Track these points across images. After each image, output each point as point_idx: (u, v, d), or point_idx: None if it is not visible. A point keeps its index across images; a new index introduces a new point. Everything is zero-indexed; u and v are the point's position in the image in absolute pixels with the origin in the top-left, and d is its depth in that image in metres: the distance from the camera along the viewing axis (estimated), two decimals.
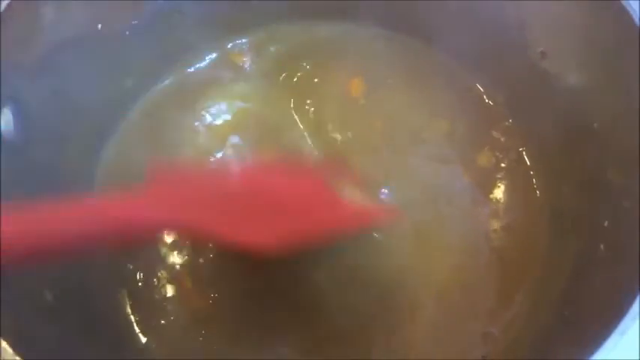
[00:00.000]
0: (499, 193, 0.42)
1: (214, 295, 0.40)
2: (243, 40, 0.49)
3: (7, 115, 0.33)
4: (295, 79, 0.48)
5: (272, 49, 0.49)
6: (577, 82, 0.38)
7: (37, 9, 0.34)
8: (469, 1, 0.42)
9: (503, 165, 0.43)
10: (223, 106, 0.47)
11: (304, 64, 0.48)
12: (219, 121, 0.46)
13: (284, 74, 0.48)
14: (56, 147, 0.38)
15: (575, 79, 0.38)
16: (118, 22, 0.40)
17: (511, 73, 0.43)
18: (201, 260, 0.41)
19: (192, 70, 0.48)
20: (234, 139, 0.45)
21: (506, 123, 0.45)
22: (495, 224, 0.41)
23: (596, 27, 0.36)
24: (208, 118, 0.46)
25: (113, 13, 0.39)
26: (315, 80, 0.48)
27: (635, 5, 0.33)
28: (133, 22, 0.41)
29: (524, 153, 0.44)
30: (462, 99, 0.46)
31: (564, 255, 0.38)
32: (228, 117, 0.46)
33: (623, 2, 0.33)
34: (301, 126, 0.46)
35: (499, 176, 0.43)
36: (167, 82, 0.47)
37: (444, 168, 0.43)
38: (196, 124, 0.46)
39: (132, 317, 0.39)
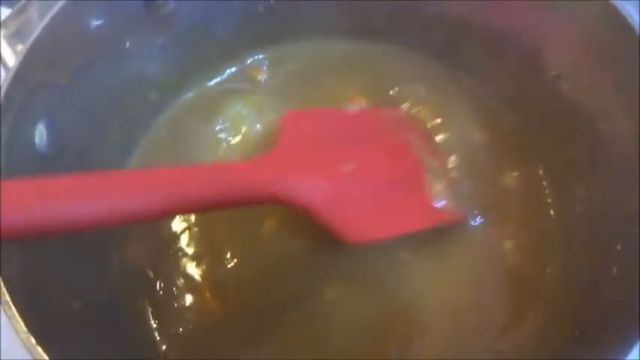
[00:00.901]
0: (513, 212, 0.43)
1: (232, 306, 0.41)
2: (261, 56, 0.51)
3: (42, 130, 0.34)
4: (313, 94, 0.49)
5: (290, 65, 0.50)
6: (593, 104, 0.39)
7: (69, 29, 0.36)
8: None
9: (517, 185, 0.44)
10: (240, 117, 0.48)
11: (322, 80, 0.50)
12: (238, 133, 0.47)
13: (302, 89, 0.49)
14: (83, 161, 0.39)
15: (591, 101, 0.39)
16: (145, 41, 0.42)
17: (528, 94, 0.44)
18: (219, 271, 0.42)
19: (212, 83, 0.50)
20: (250, 147, 0.47)
21: (523, 143, 0.45)
22: (509, 244, 0.42)
23: (613, 48, 0.36)
24: (228, 130, 0.48)
25: (141, 32, 0.41)
26: (333, 96, 0.49)
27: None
28: (159, 41, 0.43)
29: (540, 172, 0.44)
30: (477, 117, 0.47)
31: (577, 275, 0.38)
32: (244, 127, 0.48)
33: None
34: None
35: (513, 196, 0.44)
36: (189, 95, 0.49)
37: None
38: (217, 135, 0.47)
39: (153, 324, 0.41)
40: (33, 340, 0.27)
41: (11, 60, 0.36)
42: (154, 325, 0.40)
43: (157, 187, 0.29)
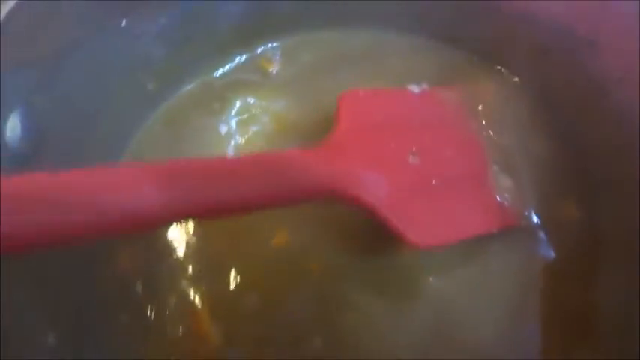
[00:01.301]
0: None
1: (233, 335, 0.35)
2: (275, 45, 0.45)
3: (14, 121, 0.28)
4: (327, 87, 0.43)
5: (304, 55, 0.45)
6: None
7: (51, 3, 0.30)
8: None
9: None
10: (249, 112, 0.43)
11: (338, 73, 0.44)
12: (246, 129, 0.42)
13: (316, 82, 0.44)
14: (65, 159, 0.33)
15: None
16: (145, 20, 0.36)
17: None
18: (220, 292, 0.36)
19: (217, 73, 0.44)
20: (260, 146, 0.41)
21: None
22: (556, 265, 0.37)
23: None
24: (234, 126, 0.42)
25: (141, 9, 0.35)
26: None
27: None
28: (161, 21, 0.37)
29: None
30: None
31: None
32: (253, 123, 0.42)
33: None
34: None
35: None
36: (190, 86, 0.43)
37: None
38: (222, 131, 0.42)
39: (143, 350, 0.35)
40: None
41: None
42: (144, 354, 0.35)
43: (197, 182, 0.25)
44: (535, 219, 0.38)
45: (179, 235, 0.38)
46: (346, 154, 0.31)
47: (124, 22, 0.35)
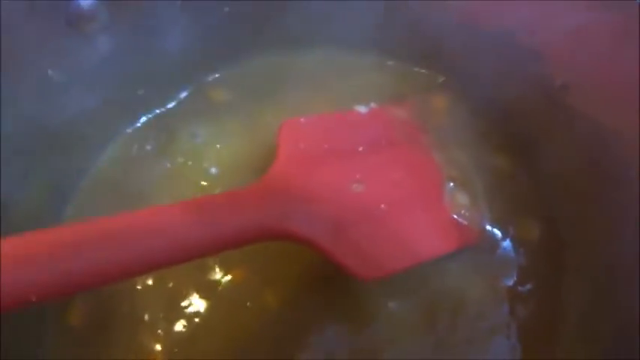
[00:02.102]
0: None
1: None
2: (220, 74, 0.44)
3: None
4: (278, 111, 0.42)
5: (250, 82, 0.44)
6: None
7: None
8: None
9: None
10: (196, 143, 0.42)
11: (288, 96, 0.43)
12: (198, 162, 0.41)
13: (262, 108, 0.43)
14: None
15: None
16: (73, 66, 0.34)
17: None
18: (178, 337, 0.35)
19: (164, 109, 0.43)
20: (209, 178, 0.40)
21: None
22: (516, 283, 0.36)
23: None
24: (186, 160, 0.41)
25: (68, 55, 0.34)
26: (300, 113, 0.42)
27: None
28: (92, 63, 0.36)
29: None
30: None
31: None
32: (207, 156, 0.41)
33: None
34: None
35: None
36: (136, 125, 0.42)
37: None
38: (173, 167, 0.41)
39: None
40: None
41: None
42: None
43: (129, 237, 0.24)
44: (494, 234, 0.37)
45: (131, 282, 0.37)
46: (284, 190, 0.30)
47: (50, 71, 0.34)
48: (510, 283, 0.36)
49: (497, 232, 0.37)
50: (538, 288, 0.36)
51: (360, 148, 0.35)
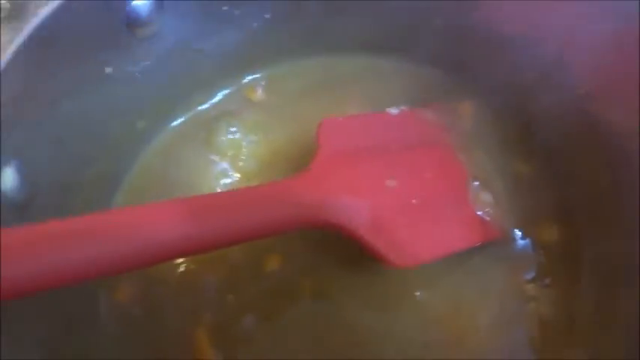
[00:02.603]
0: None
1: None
2: (258, 75, 0.47)
3: (9, 174, 0.30)
4: (311, 113, 0.45)
5: (287, 84, 0.47)
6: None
7: (42, 55, 0.31)
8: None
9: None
10: (235, 141, 0.44)
11: (322, 98, 0.46)
12: (236, 157, 0.44)
13: (300, 108, 0.45)
14: (61, 202, 0.35)
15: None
16: (127, 64, 0.37)
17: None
18: (219, 318, 0.38)
19: (204, 107, 0.46)
20: (247, 173, 0.43)
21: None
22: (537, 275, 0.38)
23: None
24: (224, 155, 0.44)
25: (123, 56, 0.37)
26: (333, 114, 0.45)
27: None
28: (145, 63, 0.39)
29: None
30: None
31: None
32: (239, 151, 0.44)
33: None
34: None
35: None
36: (179, 120, 0.45)
37: None
38: (213, 161, 0.44)
39: None
40: None
41: None
42: None
43: (183, 221, 0.27)
44: (515, 233, 0.39)
45: (173, 266, 0.40)
46: (325, 182, 0.33)
47: (108, 70, 0.37)
48: (529, 277, 0.38)
49: (518, 230, 0.40)
50: (556, 283, 0.38)
51: (393, 147, 0.37)
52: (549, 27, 0.37)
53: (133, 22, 0.35)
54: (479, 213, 0.38)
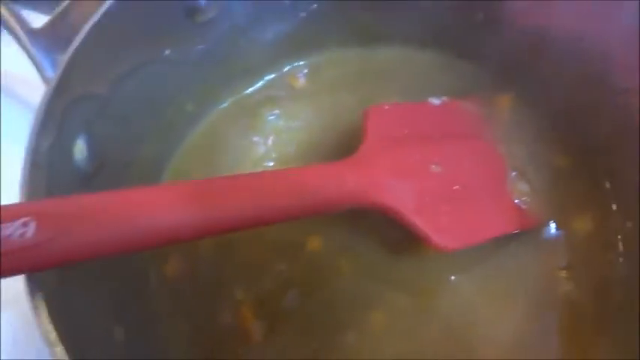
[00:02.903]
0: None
1: (277, 330, 0.38)
2: (301, 63, 0.48)
3: (81, 145, 0.32)
4: (351, 101, 0.47)
5: (328, 72, 0.48)
6: None
7: (109, 38, 0.33)
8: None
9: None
10: (278, 125, 0.46)
11: (361, 87, 0.47)
12: (277, 141, 0.46)
13: (338, 96, 0.47)
14: (120, 176, 0.37)
15: None
16: (184, 47, 0.39)
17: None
18: (262, 294, 0.39)
19: (248, 91, 0.47)
20: (290, 156, 0.45)
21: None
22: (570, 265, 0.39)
23: None
24: (267, 138, 0.46)
25: (181, 39, 0.38)
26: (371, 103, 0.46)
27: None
28: (199, 47, 0.40)
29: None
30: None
31: None
32: (282, 136, 0.46)
33: None
34: None
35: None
36: (225, 104, 0.47)
37: None
38: (256, 144, 0.45)
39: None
40: None
41: (49, 71, 0.33)
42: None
43: (239, 196, 0.28)
44: (550, 224, 0.40)
45: (217, 244, 0.42)
46: (374, 166, 0.34)
47: (167, 51, 0.38)
48: (562, 265, 0.40)
49: (553, 219, 0.41)
50: (589, 272, 0.39)
51: (436, 135, 0.39)
52: (592, 21, 0.38)
53: (192, 6, 0.37)
54: (516, 201, 0.40)
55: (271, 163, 0.45)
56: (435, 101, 0.42)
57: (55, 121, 0.29)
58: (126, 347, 0.32)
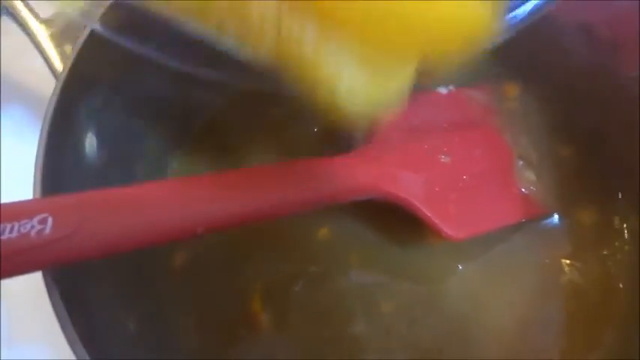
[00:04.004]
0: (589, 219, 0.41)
1: (287, 323, 0.39)
2: None
3: (91, 138, 0.32)
4: None
5: None
6: None
7: (120, 26, 0.33)
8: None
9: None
10: (292, 112, 0.45)
11: None
12: (292, 129, 0.45)
13: None
14: (126, 170, 0.37)
15: None
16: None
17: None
18: (270, 286, 0.40)
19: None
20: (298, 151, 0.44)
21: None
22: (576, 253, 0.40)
23: None
24: (278, 127, 0.45)
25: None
26: None
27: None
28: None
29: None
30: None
31: None
32: (290, 130, 0.45)
33: None
34: None
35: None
36: (234, 91, 0.46)
37: None
38: (266, 134, 0.45)
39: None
40: None
41: (58, 62, 0.33)
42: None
43: (250, 188, 0.28)
44: (556, 213, 0.41)
45: (230, 231, 0.41)
46: (385, 157, 0.35)
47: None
48: (567, 254, 0.40)
49: (559, 209, 0.41)
50: (594, 261, 0.40)
51: (444, 125, 0.39)
52: (601, 10, 0.38)
53: None
54: (523, 190, 0.40)
55: (279, 157, 0.45)
56: (443, 91, 0.42)
57: (66, 114, 0.29)
58: (138, 339, 0.32)
